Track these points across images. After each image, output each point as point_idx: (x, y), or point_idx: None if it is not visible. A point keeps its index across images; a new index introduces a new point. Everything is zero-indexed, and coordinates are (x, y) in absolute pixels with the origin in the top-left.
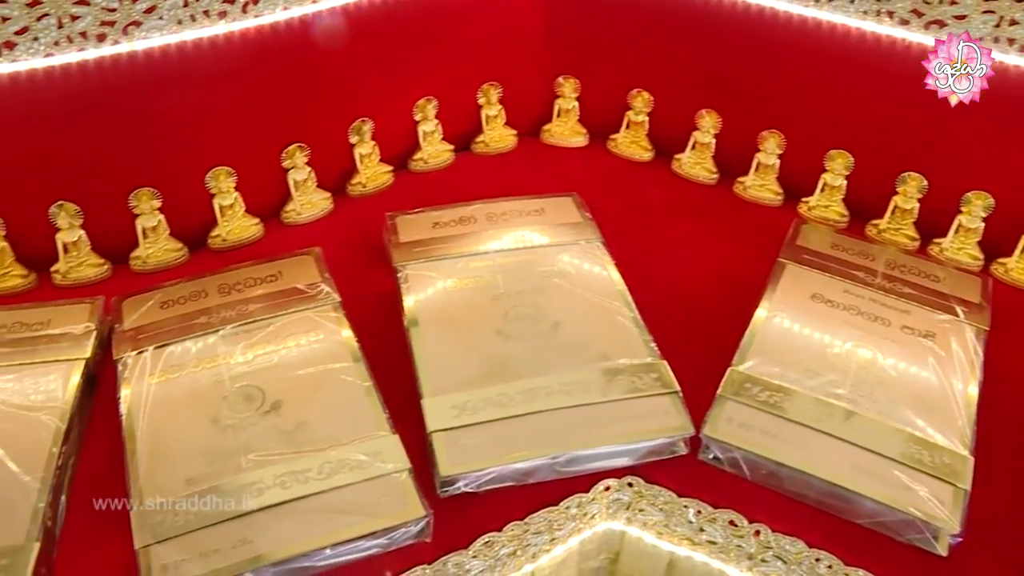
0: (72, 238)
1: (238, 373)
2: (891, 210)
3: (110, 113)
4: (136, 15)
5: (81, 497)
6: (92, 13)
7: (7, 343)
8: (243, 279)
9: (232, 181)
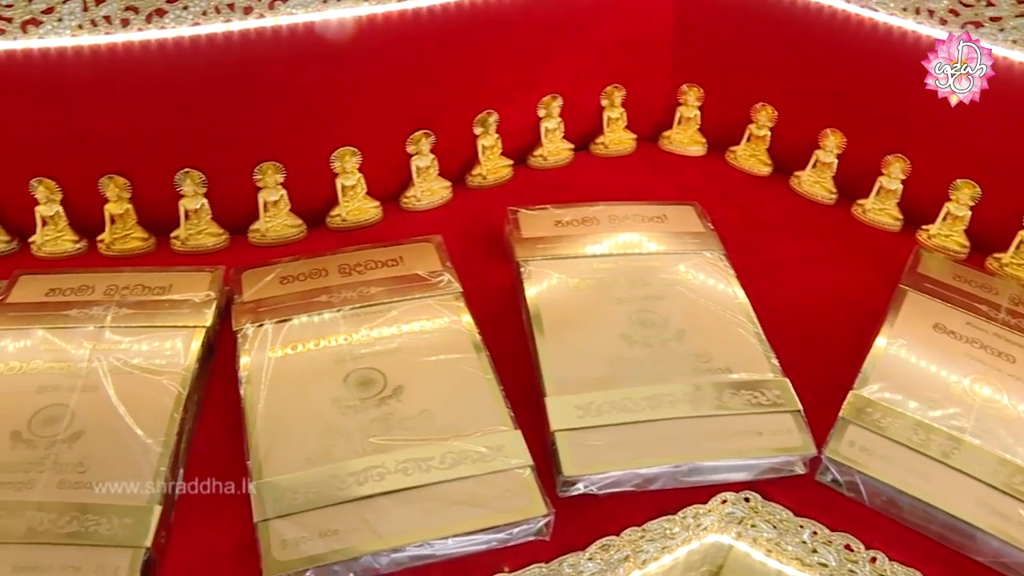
0: (195, 206)
1: (359, 355)
2: (1016, 245)
3: (246, 85)
4: None
5: (198, 463)
6: None
7: (129, 304)
8: (364, 261)
9: (356, 162)
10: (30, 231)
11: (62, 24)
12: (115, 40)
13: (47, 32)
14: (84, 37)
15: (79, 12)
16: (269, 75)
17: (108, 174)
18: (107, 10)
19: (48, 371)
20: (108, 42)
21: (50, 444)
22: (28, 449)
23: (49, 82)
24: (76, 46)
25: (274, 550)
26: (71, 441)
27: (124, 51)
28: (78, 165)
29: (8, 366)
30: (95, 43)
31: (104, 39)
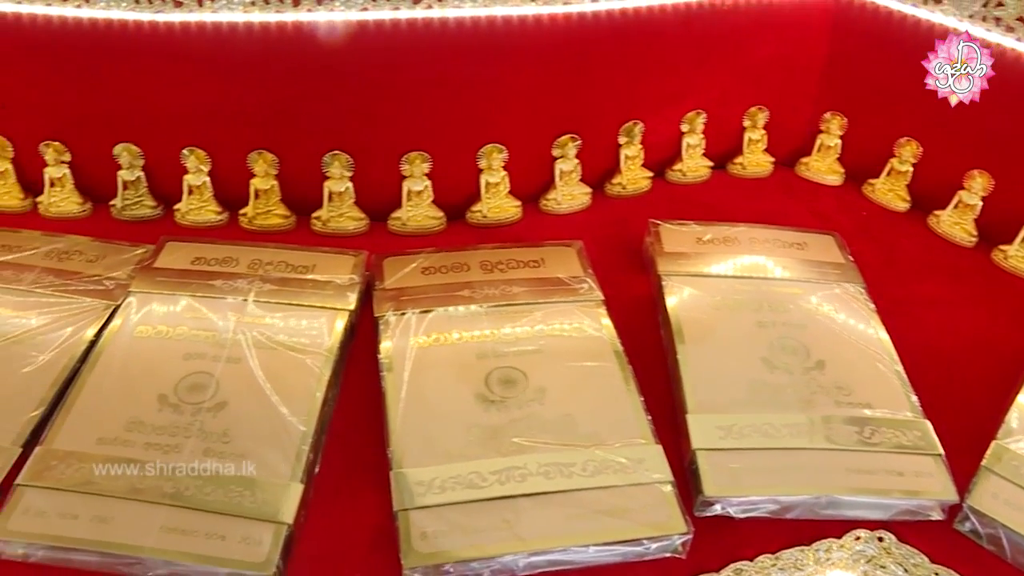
0: (339, 188)
1: (501, 352)
2: None
3: (403, 74)
4: None
5: (336, 445)
6: None
7: (273, 280)
8: (506, 259)
9: (503, 159)
10: (175, 199)
11: (235, 1)
12: (284, 19)
13: (221, 7)
14: (255, 14)
15: None
16: (426, 66)
17: (258, 149)
18: None
19: (193, 338)
20: (278, 20)
21: (196, 411)
22: (175, 414)
23: (212, 56)
24: (246, 22)
25: (414, 541)
26: (216, 410)
27: (293, 30)
28: (230, 138)
29: (156, 329)
30: (265, 20)
31: (274, 17)
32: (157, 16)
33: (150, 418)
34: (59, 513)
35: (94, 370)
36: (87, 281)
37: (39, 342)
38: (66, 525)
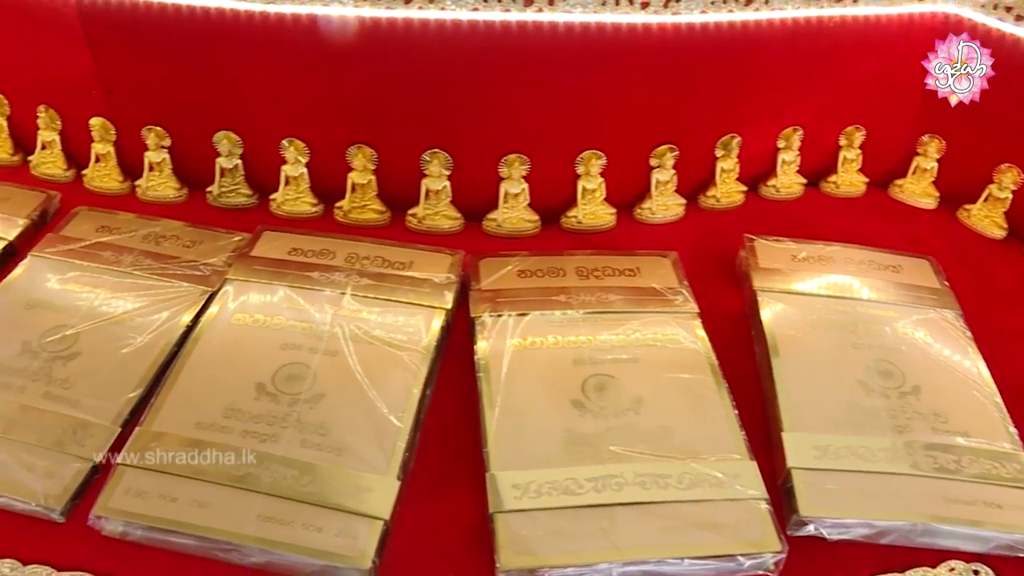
0: (437, 187)
1: (598, 360)
2: None
3: (506, 76)
4: None
5: (430, 443)
6: None
7: (370, 275)
8: (601, 267)
9: (601, 166)
10: (270, 188)
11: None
12: (394, 15)
13: (332, 0)
14: (365, 9)
15: None
16: (531, 69)
17: (358, 144)
18: None
19: (291, 329)
20: (388, 16)
21: (293, 402)
22: (272, 403)
23: (319, 48)
24: (356, 16)
25: (510, 544)
26: (313, 402)
27: (403, 26)
28: (330, 131)
29: (253, 318)
30: (376, 15)
31: (384, 13)
32: (268, 7)
33: (248, 406)
34: (159, 495)
35: (192, 355)
36: (184, 266)
37: (137, 324)
38: (165, 507)
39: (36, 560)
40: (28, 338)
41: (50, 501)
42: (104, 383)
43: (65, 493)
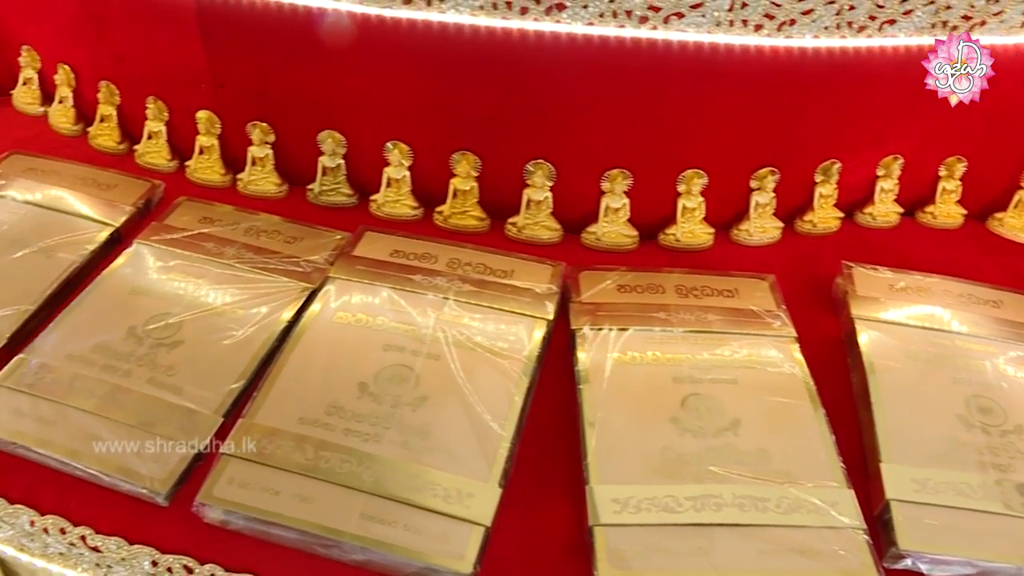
0: (539, 197)
1: (697, 379)
2: None
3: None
4: (683, 7)
5: (528, 452)
6: None
7: (472, 281)
8: (700, 286)
9: (702, 185)
10: (370, 189)
11: (466, 2)
12: (509, 26)
13: (449, 7)
14: (481, 18)
15: None
16: (639, 86)
17: (462, 150)
18: None
19: (393, 331)
20: (503, 26)
21: (395, 403)
22: (375, 403)
23: (430, 54)
24: (472, 25)
25: (609, 558)
26: (415, 405)
27: (518, 37)
28: (435, 136)
29: (355, 317)
30: (491, 25)
31: (500, 23)
32: (384, 11)
33: (350, 405)
34: (262, 486)
35: (295, 351)
36: (285, 261)
37: (238, 316)
38: (269, 499)
39: (140, 541)
40: (133, 323)
41: (155, 485)
42: (207, 373)
43: (170, 478)
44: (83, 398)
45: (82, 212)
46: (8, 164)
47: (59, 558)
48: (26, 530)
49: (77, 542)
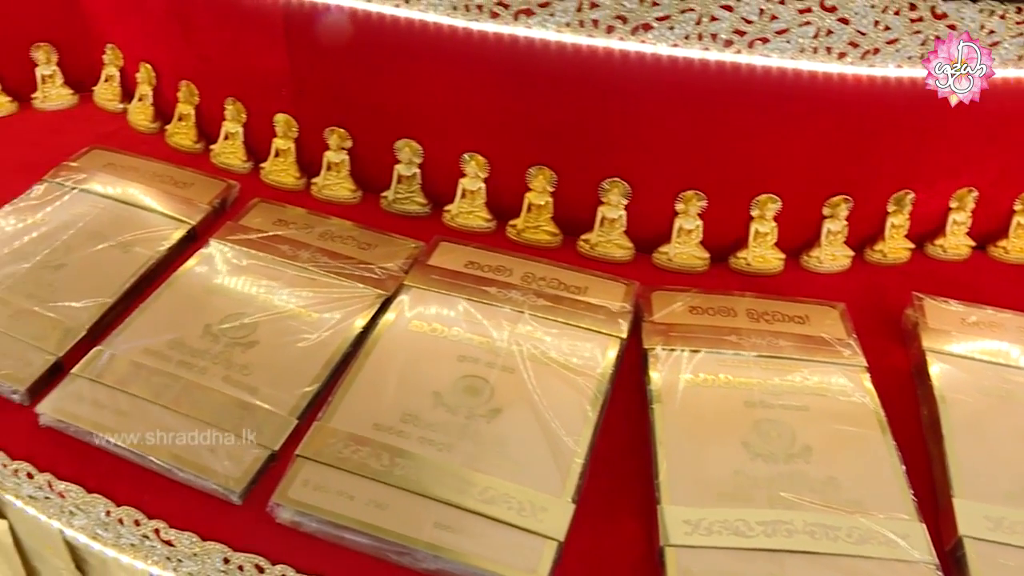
0: (613, 215)
1: (768, 404)
2: None
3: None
4: (768, 33)
5: (599, 469)
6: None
7: (546, 296)
8: (771, 311)
9: (775, 210)
10: (443, 199)
11: (552, 19)
12: (594, 43)
13: (535, 23)
14: (567, 35)
15: (572, 11)
16: (717, 108)
17: (538, 165)
18: (598, 14)
19: (468, 342)
20: (589, 44)
21: (470, 414)
22: (449, 413)
23: (512, 68)
24: (558, 42)
25: None
26: (489, 417)
27: (603, 55)
28: (512, 150)
29: (431, 326)
30: (576, 42)
31: (585, 40)
32: (471, 24)
33: (425, 413)
34: (337, 490)
35: (371, 357)
36: (359, 267)
37: (312, 320)
38: (343, 503)
39: (213, 537)
40: (209, 321)
41: (230, 483)
42: (281, 374)
43: (244, 476)
44: (159, 392)
45: (159, 209)
46: (89, 158)
47: (131, 549)
48: (101, 519)
49: (151, 535)
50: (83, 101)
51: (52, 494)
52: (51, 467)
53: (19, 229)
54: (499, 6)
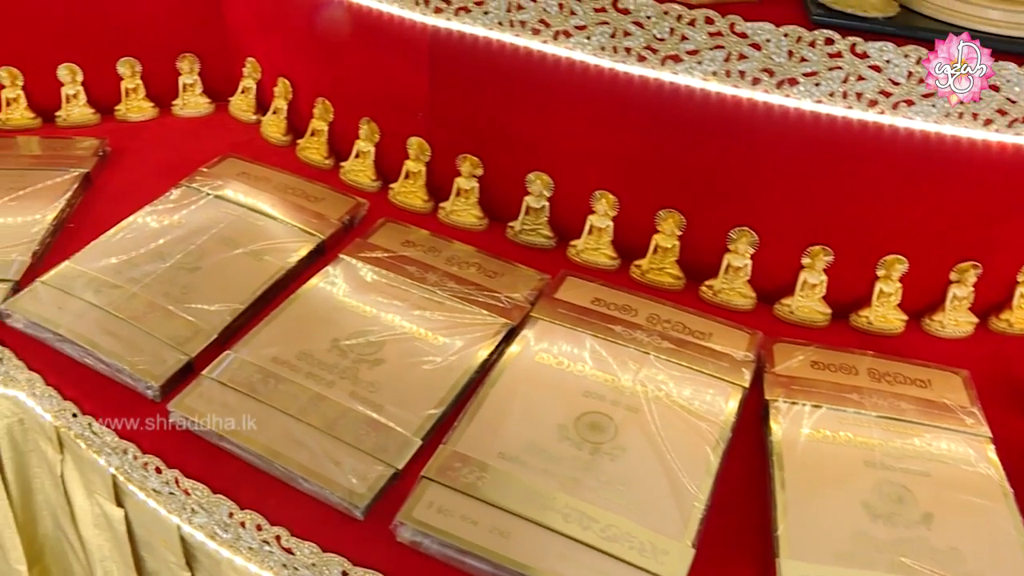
0: (738, 264)
1: (889, 466)
2: None
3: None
4: (914, 96)
5: (716, 515)
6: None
7: (671, 339)
8: (893, 372)
9: (901, 271)
10: (569, 234)
11: (700, 67)
12: (739, 94)
13: (682, 70)
14: (712, 83)
15: (720, 60)
16: (851, 166)
17: (668, 208)
18: (745, 66)
19: (593, 378)
20: (733, 94)
21: (594, 450)
22: (573, 448)
23: (652, 109)
24: (702, 90)
25: None
26: (614, 455)
27: (748, 106)
28: (643, 191)
29: (557, 360)
30: (721, 91)
31: (730, 90)
32: (616, 65)
33: (550, 445)
34: (460, 515)
35: (496, 385)
36: (485, 294)
37: (439, 344)
38: (466, 528)
39: (333, 549)
40: (336, 336)
41: (355, 498)
42: (407, 395)
43: (368, 493)
44: (287, 402)
45: (290, 221)
46: (224, 166)
47: (248, 552)
48: (223, 521)
49: (271, 540)
50: (218, 110)
51: (177, 490)
52: (179, 464)
53: (157, 229)
54: (647, 50)
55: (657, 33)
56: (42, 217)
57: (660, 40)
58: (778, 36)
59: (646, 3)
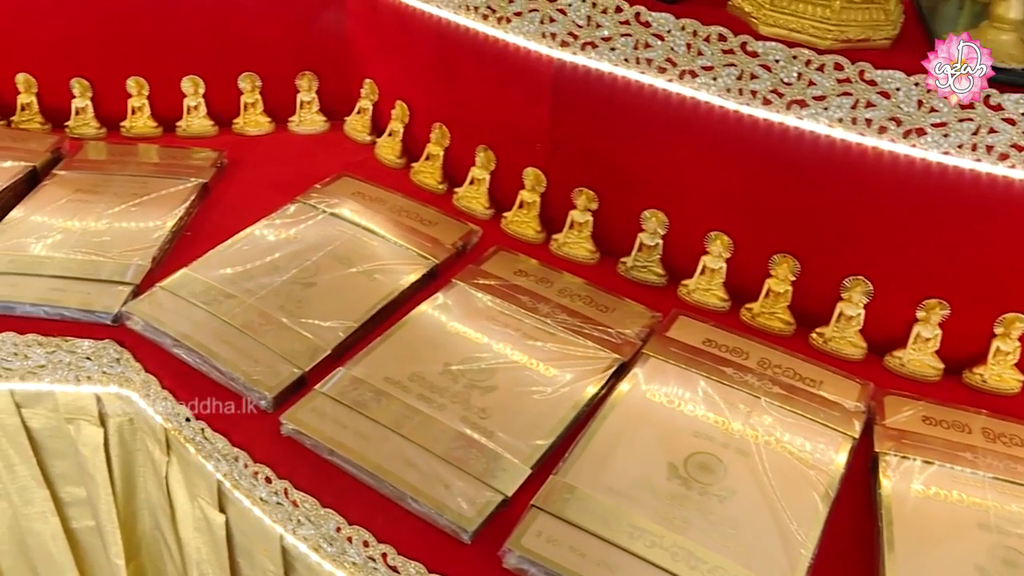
0: (852, 312)
1: (1004, 531)
2: None
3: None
4: None
5: (820, 566)
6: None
7: (782, 384)
8: (1009, 433)
9: (1020, 330)
10: (680, 273)
11: (826, 113)
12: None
13: (807, 115)
14: (837, 131)
15: (847, 107)
16: (973, 219)
17: (783, 253)
18: (872, 114)
19: (704, 419)
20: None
21: (704, 491)
22: (683, 487)
23: (766, 152)
24: (828, 137)
25: None
26: (723, 497)
27: (872, 156)
28: (758, 234)
29: (668, 398)
30: (845, 138)
31: (855, 138)
32: (741, 107)
33: (659, 483)
34: (569, 546)
35: (607, 419)
36: (597, 328)
37: (549, 375)
38: (574, 559)
39: (439, 571)
40: (448, 360)
41: (464, 522)
42: (517, 423)
43: (478, 517)
44: (399, 422)
45: (404, 244)
46: (339, 185)
47: (352, 567)
48: (330, 535)
49: (377, 557)
50: (333, 128)
51: (286, 501)
52: (289, 475)
53: (273, 243)
54: (773, 94)
55: (784, 77)
56: (162, 224)
57: (787, 84)
58: (908, 85)
59: (775, 47)
